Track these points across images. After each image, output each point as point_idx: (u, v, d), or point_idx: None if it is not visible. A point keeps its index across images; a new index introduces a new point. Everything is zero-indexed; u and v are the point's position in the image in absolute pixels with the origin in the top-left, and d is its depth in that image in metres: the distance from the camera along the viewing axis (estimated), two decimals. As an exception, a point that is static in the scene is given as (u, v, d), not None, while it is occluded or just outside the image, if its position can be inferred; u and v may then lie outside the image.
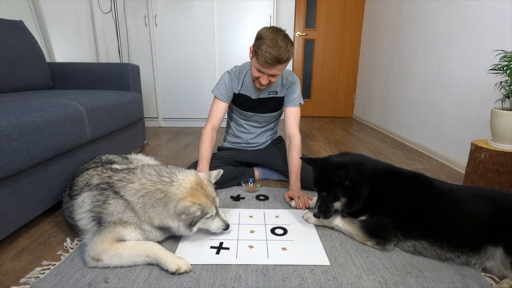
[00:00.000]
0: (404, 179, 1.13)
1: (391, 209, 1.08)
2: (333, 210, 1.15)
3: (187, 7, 3.04)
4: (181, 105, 3.31)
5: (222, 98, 1.58)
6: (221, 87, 1.58)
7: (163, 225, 1.02)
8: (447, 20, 2.18)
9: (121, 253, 0.95)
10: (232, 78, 1.59)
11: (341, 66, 4.05)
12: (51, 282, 0.89)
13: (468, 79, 1.97)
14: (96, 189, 1.04)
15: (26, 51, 1.84)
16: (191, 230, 1.05)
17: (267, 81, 1.41)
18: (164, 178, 1.04)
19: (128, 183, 1.03)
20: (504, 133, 1.36)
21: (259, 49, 1.31)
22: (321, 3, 3.80)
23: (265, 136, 1.77)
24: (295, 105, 1.61)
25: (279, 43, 1.29)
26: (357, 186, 1.10)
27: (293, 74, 1.63)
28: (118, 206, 1.00)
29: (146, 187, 1.01)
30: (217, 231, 1.12)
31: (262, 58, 1.31)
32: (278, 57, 1.29)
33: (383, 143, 2.74)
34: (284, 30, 1.35)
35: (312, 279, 0.93)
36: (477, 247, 0.96)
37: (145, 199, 1.00)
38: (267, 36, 1.30)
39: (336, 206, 1.14)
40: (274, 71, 1.36)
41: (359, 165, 1.12)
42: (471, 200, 1.01)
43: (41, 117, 1.13)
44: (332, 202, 1.13)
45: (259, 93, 1.58)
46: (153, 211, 1.00)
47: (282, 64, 1.35)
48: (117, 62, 2.66)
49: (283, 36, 1.32)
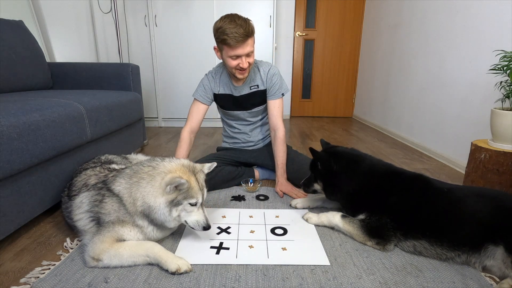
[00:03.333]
0: (404, 179, 1.13)
1: (391, 208, 1.08)
2: (313, 189, 1.32)
3: (187, 7, 3.05)
4: (181, 105, 3.31)
5: (202, 99, 1.60)
6: (200, 89, 1.60)
7: (144, 205, 0.97)
8: (447, 20, 2.18)
9: (121, 253, 0.94)
10: (210, 79, 1.60)
11: (341, 66, 4.05)
12: (51, 282, 0.89)
13: (468, 79, 1.97)
14: (94, 189, 1.04)
15: (26, 51, 1.84)
16: (171, 213, 0.98)
17: (247, 64, 1.43)
18: (156, 160, 1.05)
19: (118, 177, 1.03)
20: (504, 133, 1.36)
21: (225, 34, 1.34)
22: (321, 3, 3.80)
23: (260, 133, 1.76)
24: (277, 97, 1.60)
25: (238, 22, 1.35)
26: (333, 175, 1.20)
27: (270, 65, 1.61)
28: (113, 204, 0.99)
29: (136, 170, 1.02)
30: (195, 227, 1.03)
31: (233, 40, 1.34)
32: (245, 31, 1.35)
33: (383, 143, 2.74)
34: (234, 13, 1.42)
35: (312, 279, 0.93)
36: (477, 246, 0.96)
37: (132, 180, 1.00)
38: (224, 23, 1.36)
39: (315, 186, 1.30)
40: (248, 48, 1.40)
41: (346, 158, 1.22)
42: (471, 199, 1.01)
43: (41, 117, 1.13)
44: (313, 181, 1.30)
45: (240, 90, 1.59)
46: (137, 190, 0.98)
47: (251, 38, 1.40)
48: (117, 62, 2.66)
49: (237, 16, 1.38)
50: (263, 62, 1.61)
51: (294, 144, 2.63)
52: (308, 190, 1.34)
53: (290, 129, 3.36)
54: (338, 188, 1.21)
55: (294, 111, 4.19)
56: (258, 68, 1.59)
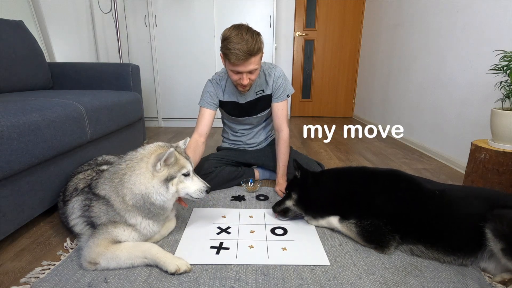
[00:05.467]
0: (383, 180, 1.12)
1: (379, 211, 1.06)
2: (284, 207, 1.26)
3: (187, 7, 3.05)
4: (181, 105, 3.31)
5: (209, 106, 1.55)
6: (206, 96, 1.55)
7: (135, 196, 0.96)
8: (447, 20, 2.18)
9: (118, 255, 0.93)
10: (215, 85, 1.56)
11: (341, 66, 4.05)
12: (51, 282, 0.89)
13: (468, 79, 1.96)
14: (82, 194, 1.04)
15: (26, 51, 1.84)
16: (168, 190, 0.98)
17: (247, 81, 1.38)
18: (129, 154, 1.02)
19: (100, 182, 1.02)
20: (504, 133, 1.36)
21: (228, 49, 1.29)
22: (321, 3, 3.80)
23: (263, 134, 1.76)
24: (282, 99, 1.57)
25: (244, 37, 1.27)
26: (308, 188, 1.20)
27: (275, 67, 1.56)
28: (101, 207, 0.98)
29: (114, 171, 1.00)
30: (199, 195, 1.05)
31: (234, 56, 1.28)
32: (248, 49, 1.27)
33: (383, 143, 2.74)
34: (246, 24, 1.34)
35: (312, 279, 0.93)
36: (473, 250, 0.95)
37: (114, 181, 0.98)
38: (231, 34, 1.29)
39: (288, 204, 1.25)
40: (250, 66, 1.33)
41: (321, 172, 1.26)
42: (463, 201, 0.99)
43: (41, 117, 1.13)
44: (285, 199, 1.26)
45: (246, 96, 1.55)
46: (123, 186, 0.97)
47: (255, 57, 1.32)
48: (117, 62, 2.67)
49: (246, 29, 1.30)
50: (267, 64, 1.57)
51: (294, 144, 2.63)
52: (279, 208, 1.26)
53: (290, 129, 3.35)
54: (311, 201, 1.21)
55: (294, 111, 4.19)
56: (264, 72, 1.55)
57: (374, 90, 3.52)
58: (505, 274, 0.90)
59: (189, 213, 1.34)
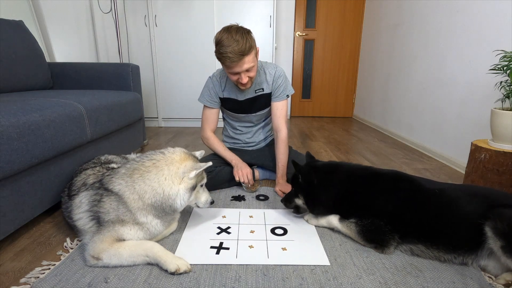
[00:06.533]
0: (385, 180, 1.12)
1: (380, 211, 1.07)
2: (294, 204, 1.27)
3: (187, 7, 3.05)
4: (181, 105, 3.31)
5: (210, 104, 1.60)
6: (206, 93, 1.59)
7: (156, 196, 0.99)
8: (447, 20, 2.18)
9: (120, 252, 0.95)
10: (215, 83, 1.59)
11: (341, 66, 4.05)
12: (51, 282, 0.89)
13: (468, 79, 1.97)
14: (92, 189, 1.04)
15: (26, 51, 1.84)
16: (190, 196, 1.05)
17: (246, 79, 1.39)
18: (155, 153, 1.06)
19: (115, 177, 1.03)
20: (504, 133, 1.36)
21: (220, 53, 1.32)
22: (321, 3, 3.80)
23: (262, 134, 1.76)
24: (282, 99, 1.59)
25: (235, 37, 1.29)
26: (313, 188, 1.18)
27: (275, 66, 1.58)
28: (112, 203, 0.99)
29: (135, 167, 1.02)
30: (205, 205, 1.15)
31: (228, 60, 1.31)
32: (240, 50, 1.28)
33: (383, 143, 2.74)
34: (235, 24, 1.36)
35: (312, 279, 0.93)
36: (473, 248, 0.95)
37: (133, 177, 1.00)
38: (221, 37, 1.31)
39: (297, 201, 1.26)
40: (245, 65, 1.34)
41: (323, 170, 1.21)
42: (462, 200, 0.99)
43: (41, 117, 1.13)
44: (293, 196, 1.26)
45: (245, 94, 1.57)
46: (143, 183, 0.99)
47: (248, 55, 1.33)
48: (117, 62, 2.66)
49: (235, 30, 1.32)
50: (268, 64, 1.59)
51: (294, 144, 2.63)
52: (291, 205, 1.29)
53: (290, 129, 3.36)
54: (318, 200, 1.20)
55: (294, 111, 4.19)
56: (264, 70, 1.57)
57: (374, 90, 3.52)
58: (507, 276, 0.90)
59: (189, 213, 1.34)
